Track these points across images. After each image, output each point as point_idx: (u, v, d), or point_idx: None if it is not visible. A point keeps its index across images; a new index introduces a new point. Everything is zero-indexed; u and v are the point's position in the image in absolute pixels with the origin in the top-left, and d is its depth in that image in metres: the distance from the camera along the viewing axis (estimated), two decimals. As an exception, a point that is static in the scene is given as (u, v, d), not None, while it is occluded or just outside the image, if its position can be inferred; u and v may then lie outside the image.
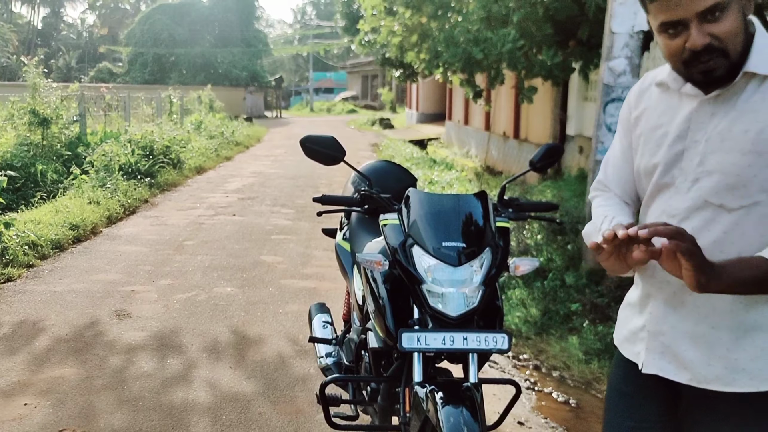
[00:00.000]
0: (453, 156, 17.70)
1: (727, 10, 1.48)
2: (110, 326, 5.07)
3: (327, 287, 6.03)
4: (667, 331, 1.67)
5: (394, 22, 10.56)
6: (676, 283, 1.62)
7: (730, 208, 1.56)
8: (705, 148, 1.59)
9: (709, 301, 1.59)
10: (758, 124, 1.52)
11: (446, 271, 2.29)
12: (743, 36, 1.52)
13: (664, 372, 1.69)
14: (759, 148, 1.51)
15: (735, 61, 1.52)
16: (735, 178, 1.54)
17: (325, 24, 58.16)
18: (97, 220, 8.39)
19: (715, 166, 1.57)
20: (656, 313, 1.70)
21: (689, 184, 1.62)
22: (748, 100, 1.54)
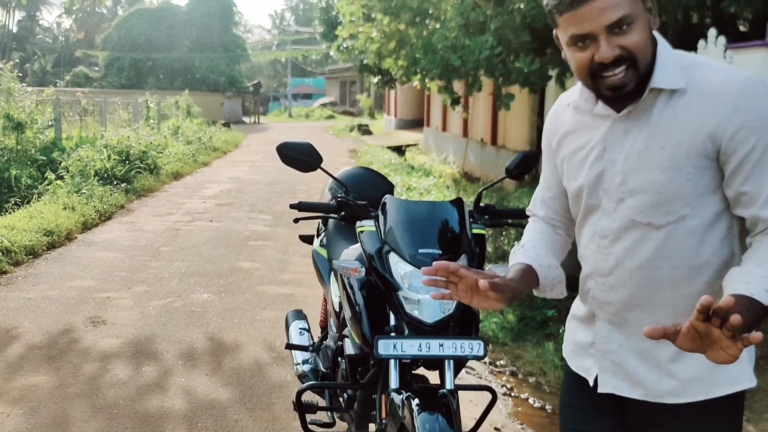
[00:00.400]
0: (431, 162, 17.75)
1: (634, 23, 1.48)
2: (85, 333, 5.01)
3: (304, 293, 6.02)
4: (615, 350, 1.68)
5: (372, 29, 10.58)
6: (617, 303, 1.65)
7: (658, 225, 1.56)
8: (624, 167, 1.59)
9: (651, 317, 1.60)
10: (673, 140, 1.52)
11: (422, 277, 2.29)
12: (651, 48, 1.53)
13: (619, 390, 1.69)
14: (676, 163, 1.51)
15: (644, 74, 1.52)
16: (657, 195, 1.54)
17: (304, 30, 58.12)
18: (72, 226, 8.31)
19: (636, 184, 1.57)
20: (603, 332, 1.71)
21: (614, 205, 1.62)
22: (660, 116, 1.54)
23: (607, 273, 1.66)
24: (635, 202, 1.58)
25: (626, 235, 1.61)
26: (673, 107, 1.53)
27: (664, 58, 1.54)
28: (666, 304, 1.60)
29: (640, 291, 1.62)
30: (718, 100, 1.47)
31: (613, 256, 1.64)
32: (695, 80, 1.51)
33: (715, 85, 1.48)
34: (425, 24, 9.55)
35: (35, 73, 51.02)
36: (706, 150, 1.49)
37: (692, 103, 1.50)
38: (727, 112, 1.46)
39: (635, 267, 1.61)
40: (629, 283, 1.63)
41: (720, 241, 1.56)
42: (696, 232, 1.55)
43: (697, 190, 1.53)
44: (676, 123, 1.52)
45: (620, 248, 1.62)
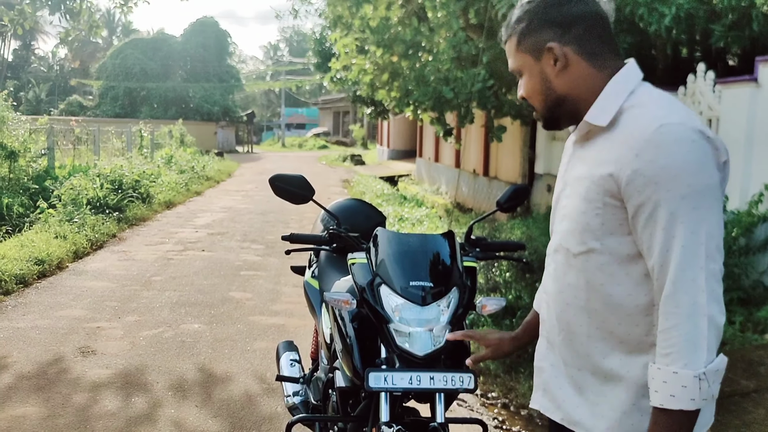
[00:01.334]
0: (423, 192, 17.80)
1: (525, 74, 1.67)
2: (74, 363, 4.98)
3: (296, 324, 6.00)
4: (546, 368, 1.74)
5: (366, 61, 10.69)
6: (548, 322, 1.73)
7: (574, 253, 1.60)
8: (565, 192, 1.68)
9: (571, 345, 1.65)
10: (590, 172, 1.55)
11: (413, 310, 2.31)
12: (542, 96, 1.65)
13: (544, 409, 1.74)
14: (589, 195, 1.54)
15: (544, 114, 1.68)
16: (574, 223, 1.59)
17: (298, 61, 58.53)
18: (63, 254, 8.28)
19: (564, 210, 1.66)
20: (541, 349, 1.77)
21: (555, 226, 1.72)
22: (590, 148, 1.60)
23: (546, 290, 1.75)
24: (562, 226, 1.66)
25: (556, 257, 1.68)
26: (601, 142, 1.56)
27: (611, 93, 1.56)
28: (582, 335, 1.62)
29: (562, 315, 1.66)
30: (627, 142, 1.47)
31: (548, 275, 1.73)
32: (625, 119, 1.52)
33: (635, 126, 1.48)
34: (418, 56, 9.66)
35: (29, 102, 51.08)
36: (611, 189, 1.49)
37: (612, 141, 1.52)
38: (630, 157, 1.45)
39: (558, 290, 1.67)
40: (555, 306, 1.69)
41: (635, 285, 1.52)
42: (606, 270, 1.55)
43: (606, 227, 1.53)
44: (597, 157, 1.55)
45: (552, 269, 1.70)
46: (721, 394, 1.66)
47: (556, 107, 1.65)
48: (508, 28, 1.68)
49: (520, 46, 1.65)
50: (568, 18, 1.58)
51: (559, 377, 1.69)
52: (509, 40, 1.68)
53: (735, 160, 6.32)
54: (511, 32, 1.67)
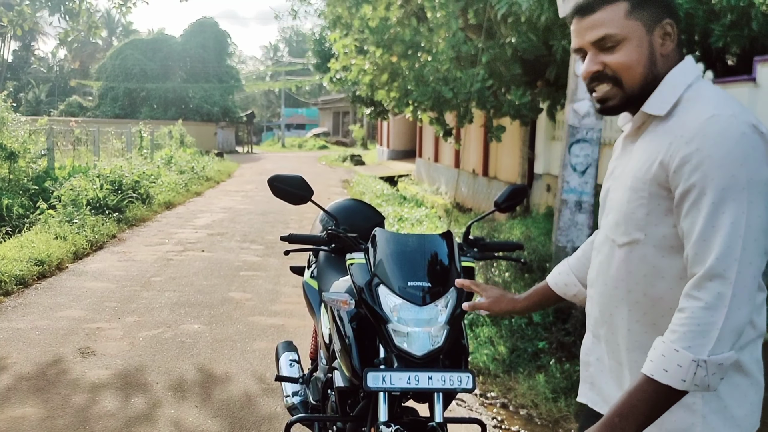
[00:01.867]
0: (423, 193, 17.81)
1: (623, 43, 1.56)
2: (74, 364, 4.98)
3: (295, 324, 6.01)
4: (592, 363, 1.75)
5: (365, 61, 10.69)
6: (593, 316, 1.73)
7: (619, 244, 1.61)
8: (613, 185, 1.69)
9: (614, 337, 1.66)
10: (639, 162, 1.57)
11: (411, 310, 2.31)
12: (643, 70, 1.57)
13: (592, 403, 1.75)
14: (635, 185, 1.56)
15: (631, 92, 1.58)
16: (619, 214, 1.60)
17: (297, 61, 58.54)
18: (63, 255, 8.28)
19: (611, 202, 1.67)
20: (587, 343, 1.78)
21: (602, 220, 1.73)
22: (644, 139, 1.60)
23: (591, 284, 1.75)
24: (609, 219, 1.67)
25: (602, 249, 1.69)
26: (652, 133, 1.58)
27: (669, 84, 1.57)
28: (623, 328, 1.63)
29: (605, 308, 1.67)
30: (679, 130, 1.49)
31: (593, 269, 1.74)
32: (681, 110, 1.53)
33: (688, 116, 1.50)
34: (417, 56, 9.66)
35: (29, 103, 51.09)
36: (659, 177, 1.51)
37: (666, 130, 1.53)
38: (680, 144, 1.47)
39: (602, 282, 1.68)
40: (598, 298, 1.70)
41: (677, 279, 1.53)
42: (649, 261, 1.56)
43: (650, 218, 1.54)
44: (647, 147, 1.57)
45: (597, 261, 1.71)
46: None
47: (650, 84, 1.58)
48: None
49: (633, 14, 1.55)
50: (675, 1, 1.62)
51: (604, 371, 1.71)
52: (612, 4, 1.56)
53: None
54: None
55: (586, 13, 1.58)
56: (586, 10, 1.58)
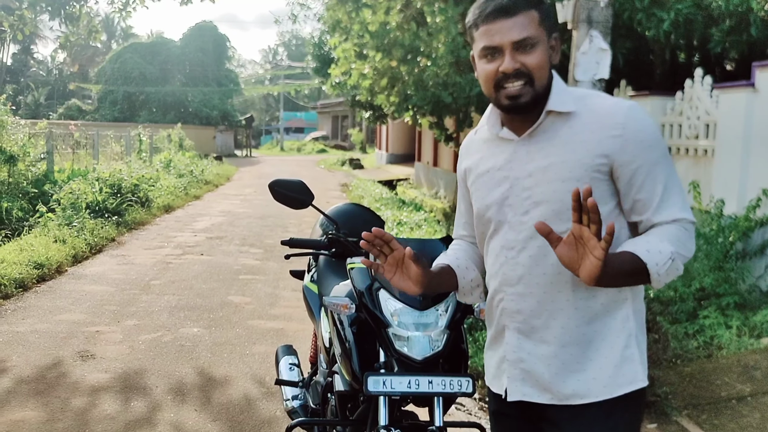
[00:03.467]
0: (422, 197, 17.82)
1: (536, 46, 1.72)
2: (73, 367, 4.99)
3: (295, 328, 6.02)
4: (525, 358, 1.83)
5: (365, 66, 10.71)
6: (526, 310, 1.81)
7: (561, 231, 1.69)
8: (529, 182, 1.78)
9: (557, 322, 1.78)
10: (574, 154, 1.73)
11: (412, 314, 2.33)
12: (547, 73, 1.76)
13: (528, 396, 1.83)
14: (576, 174, 1.72)
15: (539, 90, 1.74)
16: (559, 204, 1.73)
17: (296, 65, 58.57)
18: (62, 258, 8.29)
19: (541, 196, 1.76)
20: (512, 342, 1.85)
21: (520, 217, 1.80)
22: (558, 135, 1.76)
23: (515, 282, 1.82)
24: (539, 212, 1.76)
25: (531, 244, 1.78)
26: (570, 127, 1.75)
27: (558, 88, 1.78)
28: (568, 308, 1.77)
29: (546, 296, 1.78)
30: (609, 121, 1.72)
31: (520, 265, 1.81)
32: (588, 106, 1.76)
33: (606, 109, 1.74)
34: (417, 61, 9.68)
35: (28, 106, 51.08)
36: (601, 164, 1.72)
37: (587, 123, 1.74)
38: (618, 131, 1.71)
39: (541, 273, 1.78)
40: (536, 289, 1.79)
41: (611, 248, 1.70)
42: None
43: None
44: (576, 140, 1.74)
45: (526, 256, 1.80)
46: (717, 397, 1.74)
47: (547, 88, 1.77)
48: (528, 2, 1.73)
49: (542, 23, 1.74)
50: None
51: (539, 362, 1.80)
52: (527, 12, 1.72)
53: (732, 164, 6.37)
54: (533, 6, 1.73)
55: (509, 15, 1.71)
56: (510, 12, 1.71)
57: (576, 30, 5.12)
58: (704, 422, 3.99)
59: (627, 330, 1.78)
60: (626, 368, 1.77)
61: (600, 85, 5.00)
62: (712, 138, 6.66)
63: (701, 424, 3.97)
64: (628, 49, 7.21)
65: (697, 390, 4.34)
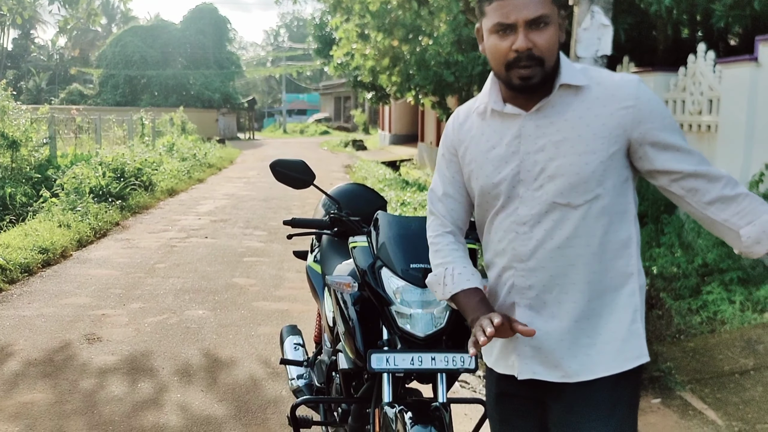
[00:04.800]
0: (425, 177, 17.79)
1: (550, 24, 1.69)
2: (80, 350, 5.03)
3: (299, 309, 6.04)
4: (536, 334, 1.77)
5: (366, 46, 10.67)
6: (537, 285, 1.80)
7: (576, 205, 1.73)
8: (542, 156, 1.75)
9: (569, 297, 1.77)
10: (589, 128, 1.72)
11: (414, 292, 2.33)
12: (557, 52, 1.74)
13: (537, 374, 1.81)
14: (592, 147, 1.72)
15: (548, 71, 1.72)
16: (576, 177, 1.72)
17: (298, 46, 58.37)
18: (67, 243, 8.32)
19: (555, 170, 1.74)
20: (523, 319, 1.80)
21: (533, 192, 1.77)
22: (570, 109, 1.75)
23: (527, 257, 1.79)
24: (554, 186, 1.74)
25: (546, 218, 1.76)
26: (582, 101, 1.74)
27: (566, 63, 1.77)
28: (580, 282, 1.76)
29: (558, 270, 1.77)
30: (621, 93, 1.72)
31: (533, 239, 1.78)
32: (595, 79, 1.76)
33: (616, 82, 1.74)
34: (418, 41, 9.64)
35: (30, 91, 51.02)
36: (617, 135, 1.72)
37: (600, 97, 1.73)
38: (631, 102, 1.71)
39: (554, 247, 1.76)
40: (549, 264, 1.77)
41: (621, 222, 1.77)
42: (606, 211, 1.75)
43: (608, 172, 1.74)
44: (590, 113, 1.73)
45: (540, 231, 1.77)
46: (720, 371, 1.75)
47: (556, 66, 1.75)
48: None
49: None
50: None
51: (550, 338, 1.78)
52: None
53: (736, 140, 6.34)
54: None
55: None
56: None
57: (577, 6, 5.09)
58: (707, 396, 4.01)
59: (632, 305, 1.78)
60: (633, 343, 1.78)
61: (602, 62, 4.98)
62: (715, 114, 6.63)
63: (704, 398, 3.99)
64: (630, 25, 7.16)
65: (701, 365, 4.36)
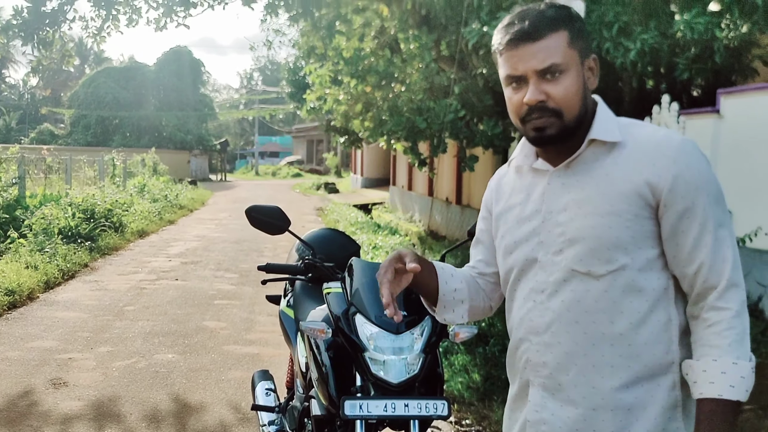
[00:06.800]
0: (397, 220, 17.88)
1: (565, 73, 1.54)
2: (45, 396, 4.93)
3: (270, 353, 6.00)
4: (548, 419, 1.62)
5: (340, 91, 10.80)
6: (552, 363, 1.61)
7: (598, 275, 1.55)
8: (563, 217, 1.59)
9: (588, 380, 1.57)
10: (614, 186, 1.54)
11: (388, 338, 2.36)
12: (580, 102, 1.57)
13: None
14: (617, 208, 1.53)
15: (569, 123, 1.56)
16: (597, 241, 1.54)
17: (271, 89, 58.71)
18: (34, 285, 8.20)
19: (576, 233, 1.57)
20: (536, 399, 1.65)
21: (552, 257, 1.61)
22: (601, 166, 1.58)
23: (543, 330, 1.62)
24: (574, 251, 1.57)
25: (564, 287, 1.59)
26: (614, 158, 1.57)
27: (603, 115, 1.61)
28: (603, 365, 1.56)
29: (576, 348, 1.58)
30: (658, 152, 1.52)
31: (549, 311, 1.61)
32: (635, 136, 1.57)
33: (656, 139, 1.55)
34: (391, 87, 9.79)
35: (-1, 130, 50.59)
36: (646, 198, 1.52)
37: (633, 154, 1.55)
38: (667, 164, 1.51)
39: (572, 320, 1.58)
40: (565, 339, 1.59)
41: (657, 300, 1.55)
42: (634, 286, 1.54)
43: (636, 240, 1.53)
44: (618, 171, 1.55)
45: (557, 302, 1.60)
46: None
47: (583, 117, 1.59)
48: (555, 21, 1.55)
49: (572, 44, 1.55)
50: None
51: (565, 425, 1.59)
52: (554, 34, 1.54)
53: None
54: (561, 26, 1.55)
55: (533, 39, 1.53)
56: (533, 36, 1.53)
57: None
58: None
59: (673, 399, 1.55)
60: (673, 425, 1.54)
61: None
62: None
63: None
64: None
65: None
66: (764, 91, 6.02)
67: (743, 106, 6.10)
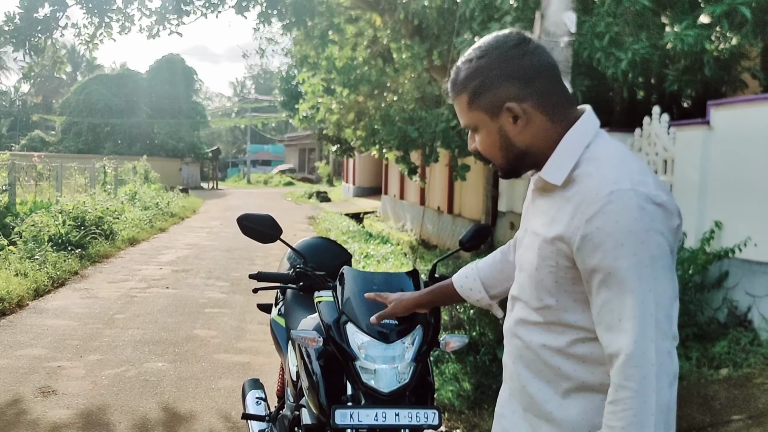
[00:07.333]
0: (389, 230, 17.89)
1: (479, 130, 1.59)
2: (34, 404, 4.90)
3: (261, 362, 5.99)
4: (507, 415, 1.71)
5: (332, 101, 10.83)
6: (508, 368, 1.69)
7: (533, 307, 1.58)
8: (525, 240, 1.65)
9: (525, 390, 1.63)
10: (545, 230, 1.52)
11: (379, 347, 2.36)
12: (502, 153, 1.59)
13: None
14: (543, 253, 1.52)
15: (507, 167, 1.61)
16: (529, 278, 1.57)
17: (264, 98, 58.74)
18: (23, 292, 8.16)
19: (521, 260, 1.63)
20: (502, 395, 1.76)
21: (516, 272, 1.68)
22: (546, 202, 1.57)
23: (506, 335, 1.71)
24: (521, 277, 1.64)
25: (516, 304, 1.67)
26: (555, 200, 1.53)
27: (565, 148, 1.53)
28: (536, 390, 1.60)
29: (518, 363, 1.63)
30: (581, 206, 1.44)
31: (509, 319, 1.69)
32: (583, 179, 1.48)
33: (587, 190, 1.45)
34: (383, 96, 9.82)
35: (-10, 137, 50.35)
36: (564, 251, 1.48)
37: (567, 200, 1.49)
38: (580, 222, 1.43)
39: (515, 335, 1.65)
40: (511, 351, 1.67)
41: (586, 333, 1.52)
42: (561, 323, 1.54)
43: (560, 285, 1.52)
44: (551, 214, 1.53)
45: (513, 313, 1.68)
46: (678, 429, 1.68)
47: (517, 160, 1.59)
48: (456, 85, 1.58)
49: (474, 105, 1.56)
50: (529, 72, 1.51)
51: (518, 423, 1.67)
52: (458, 97, 1.58)
53: (690, 199, 6.53)
54: (460, 90, 1.57)
55: (453, 98, 1.61)
56: (452, 96, 1.61)
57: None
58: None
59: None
60: None
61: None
62: (670, 174, 6.84)
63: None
64: (587, 87, 7.41)
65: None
66: (754, 103, 6.06)
67: (733, 117, 6.15)
